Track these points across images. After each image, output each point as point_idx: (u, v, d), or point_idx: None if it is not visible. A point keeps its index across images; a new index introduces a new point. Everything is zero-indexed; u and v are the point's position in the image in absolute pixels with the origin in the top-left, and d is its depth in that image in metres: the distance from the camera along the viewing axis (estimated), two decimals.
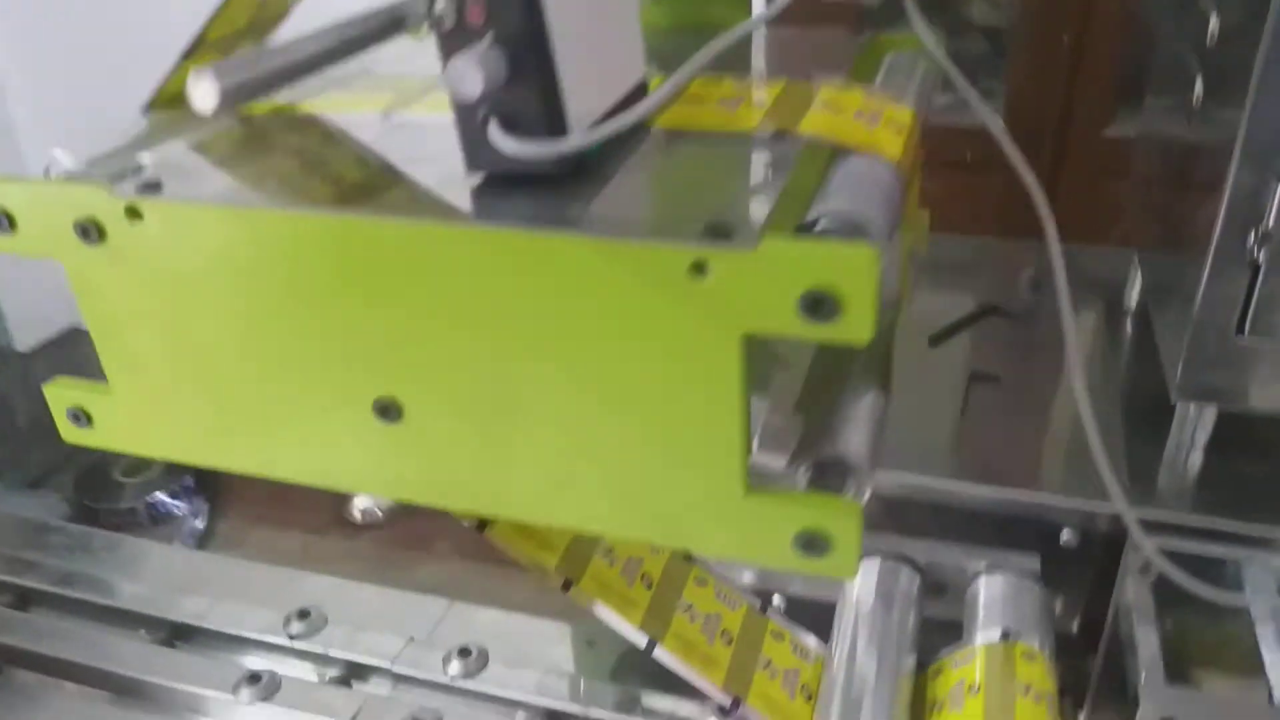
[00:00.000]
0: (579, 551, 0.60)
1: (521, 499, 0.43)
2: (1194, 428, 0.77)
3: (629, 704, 0.78)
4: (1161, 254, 0.84)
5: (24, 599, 0.91)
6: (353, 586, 0.92)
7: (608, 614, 0.60)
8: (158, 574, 0.92)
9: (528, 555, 0.58)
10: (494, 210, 0.39)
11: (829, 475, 0.42)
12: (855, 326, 0.34)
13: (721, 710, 0.74)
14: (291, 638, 0.84)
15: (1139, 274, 0.94)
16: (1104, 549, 0.72)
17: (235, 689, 0.79)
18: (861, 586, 0.72)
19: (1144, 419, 0.79)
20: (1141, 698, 0.60)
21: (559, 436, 0.40)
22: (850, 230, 0.35)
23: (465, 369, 0.40)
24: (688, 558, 0.68)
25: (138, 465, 1.68)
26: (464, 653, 0.81)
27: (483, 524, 0.55)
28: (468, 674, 0.80)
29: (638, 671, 0.82)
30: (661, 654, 0.62)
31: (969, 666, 0.64)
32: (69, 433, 0.50)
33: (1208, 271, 0.65)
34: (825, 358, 0.49)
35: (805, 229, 0.36)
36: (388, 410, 0.42)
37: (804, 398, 0.38)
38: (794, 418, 0.45)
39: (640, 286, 0.35)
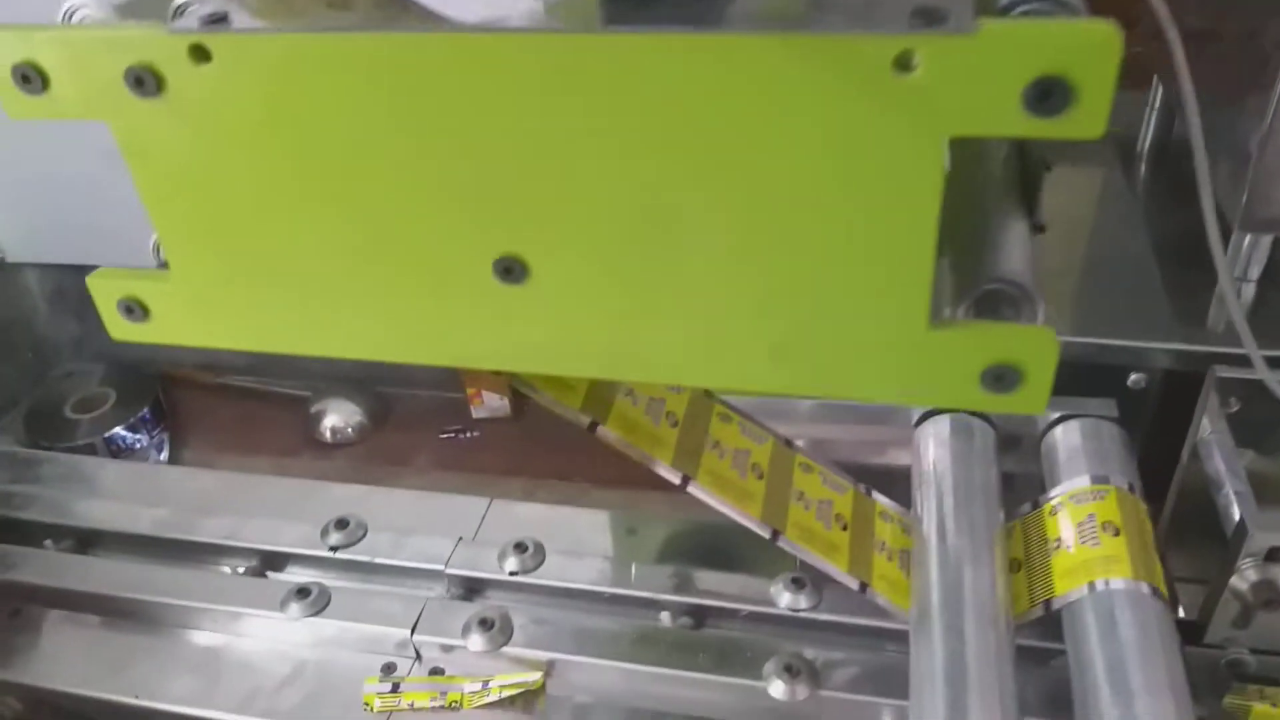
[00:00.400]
0: (601, 394, 0.58)
1: (667, 360, 0.39)
2: (1248, 261, 0.75)
3: (685, 585, 0.76)
4: (1213, 88, 0.81)
5: (32, 536, 0.85)
6: (383, 493, 0.88)
7: (640, 454, 0.59)
8: (174, 496, 0.86)
9: (552, 399, 0.56)
10: (630, 17, 0.34)
11: (999, 306, 0.39)
12: (1088, 119, 0.30)
13: (796, 582, 0.73)
14: (333, 549, 0.80)
15: (1154, 117, 0.92)
16: (1172, 389, 0.71)
17: (283, 605, 0.75)
18: (936, 447, 0.69)
19: (1176, 257, 0.77)
20: (1250, 529, 0.58)
21: (716, 282, 0.36)
22: (1070, 9, 0.31)
23: (605, 213, 0.35)
24: (708, 394, 0.66)
25: (89, 400, 1.61)
26: (520, 548, 0.77)
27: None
28: (526, 569, 0.77)
29: (684, 555, 0.80)
30: (696, 489, 0.60)
31: (1085, 507, 0.62)
32: (120, 329, 0.45)
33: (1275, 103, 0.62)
34: (959, 182, 0.45)
35: (1007, 9, 0.32)
36: (511, 270, 0.37)
37: (945, 226, 0.34)
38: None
39: (830, 89, 0.31)
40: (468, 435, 2.11)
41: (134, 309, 0.43)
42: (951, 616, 0.58)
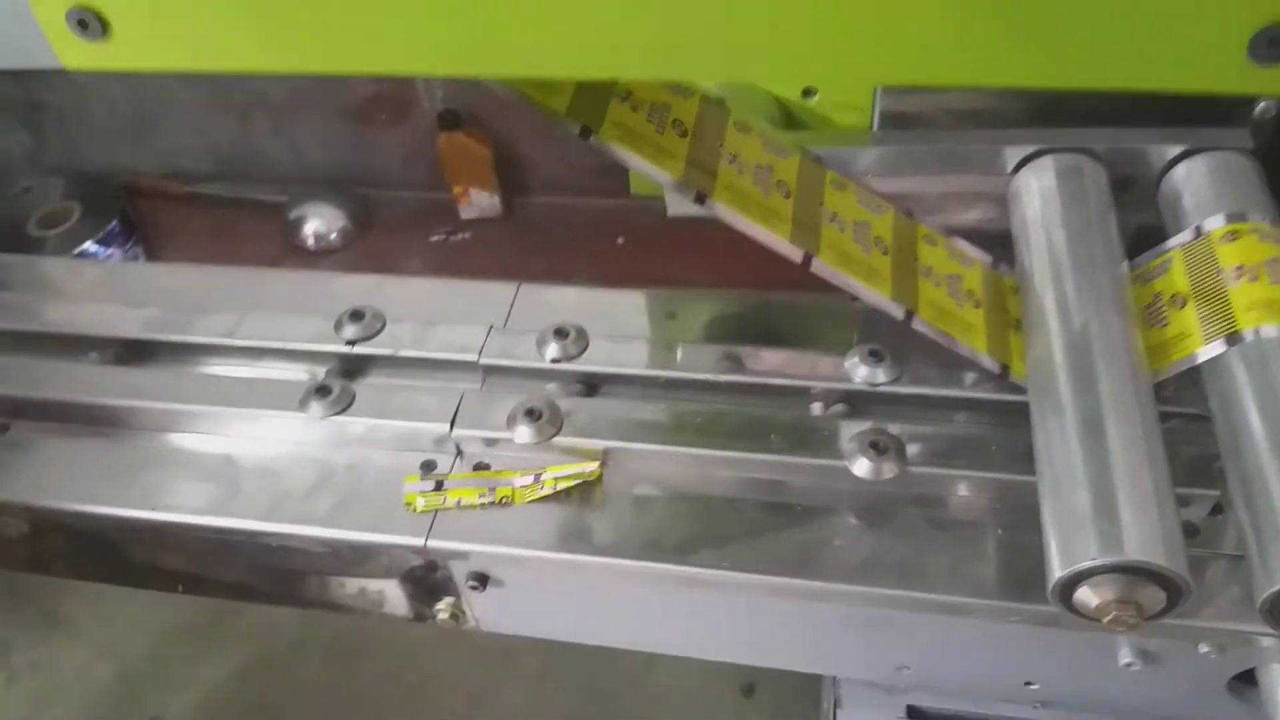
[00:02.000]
0: (704, 159, 0.51)
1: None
2: None
3: (734, 365, 0.69)
4: None
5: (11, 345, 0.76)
6: (396, 282, 0.79)
7: (756, 230, 0.51)
8: (161, 295, 0.77)
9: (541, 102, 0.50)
10: None
11: None
12: None
13: (874, 355, 0.65)
14: (350, 343, 0.71)
15: None
16: None
17: (303, 404, 0.67)
18: (1041, 192, 0.61)
19: None
20: None
21: None
22: None
23: None
24: (817, 160, 0.57)
25: (53, 216, 1.49)
26: (560, 334, 0.69)
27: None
28: (569, 356, 0.69)
29: (736, 335, 0.72)
30: (821, 268, 0.54)
31: (1227, 249, 0.54)
32: (74, 52, 0.34)
33: None
34: None
35: None
36: None
37: None
38: None
39: None
40: (458, 237, 2.00)
41: (88, 21, 0.32)
42: (1081, 379, 0.51)
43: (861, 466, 0.61)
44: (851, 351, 0.66)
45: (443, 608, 0.71)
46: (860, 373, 0.65)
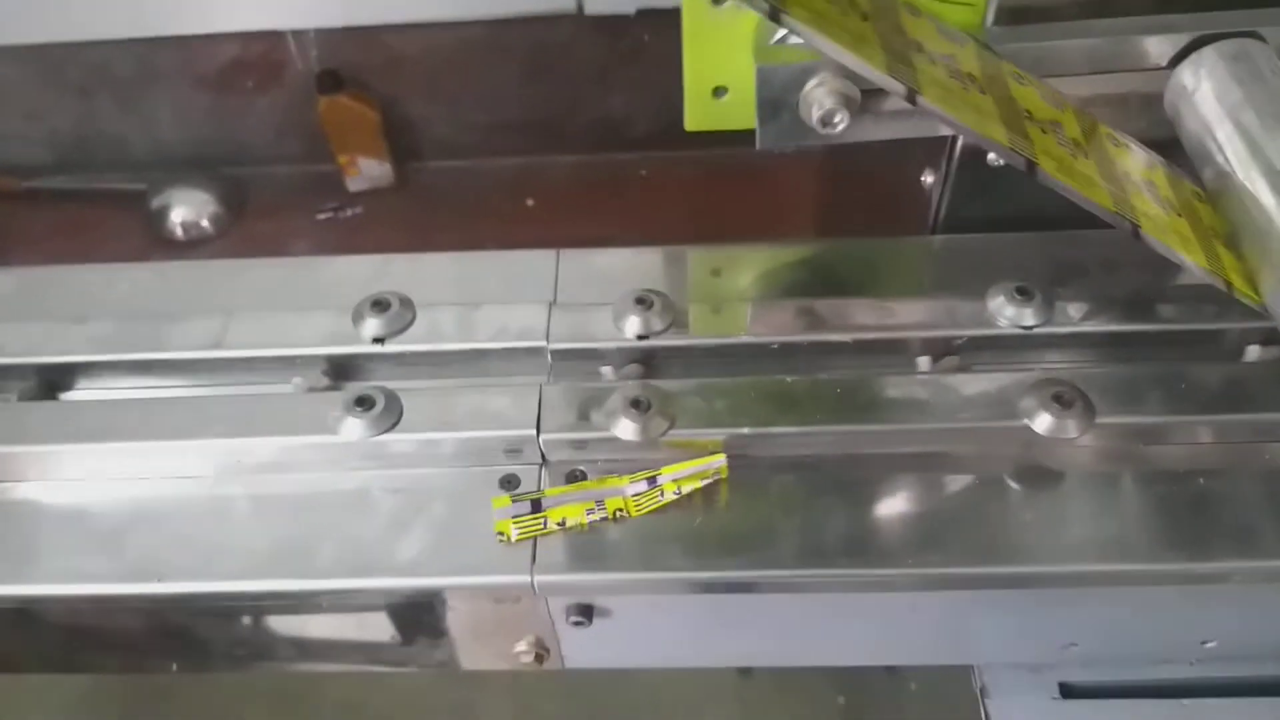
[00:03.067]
0: None
1: None
2: None
3: (847, 321, 0.59)
4: None
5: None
6: (406, 261, 0.65)
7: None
8: (108, 303, 0.60)
9: None
10: None
11: None
12: None
13: (1021, 293, 0.56)
14: (377, 340, 0.57)
15: None
16: None
17: (337, 425, 0.53)
18: (1216, 84, 0.52)
19: None
20: None
21: None
22: None
23: None
24: None
25: None
26: (643, 303, 0.57)
27: None
28: (654, 331, 0.57)
29: (816, 291, 0.62)
30: (1047, 178, 0.43)
31: None
32: None
33: None
34: None
35: None
36: None
37: None
38: None
39: None
40: (349, 212, 1.81)
41: None
42: None
43: (1043, 423, 0.52)
44: (993, 291, 0.57)
45: (524, 648, 0.58)
46: (1006, 314, 0.56)
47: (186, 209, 1.72)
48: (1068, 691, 0.63)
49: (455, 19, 1.64)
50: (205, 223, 1.78)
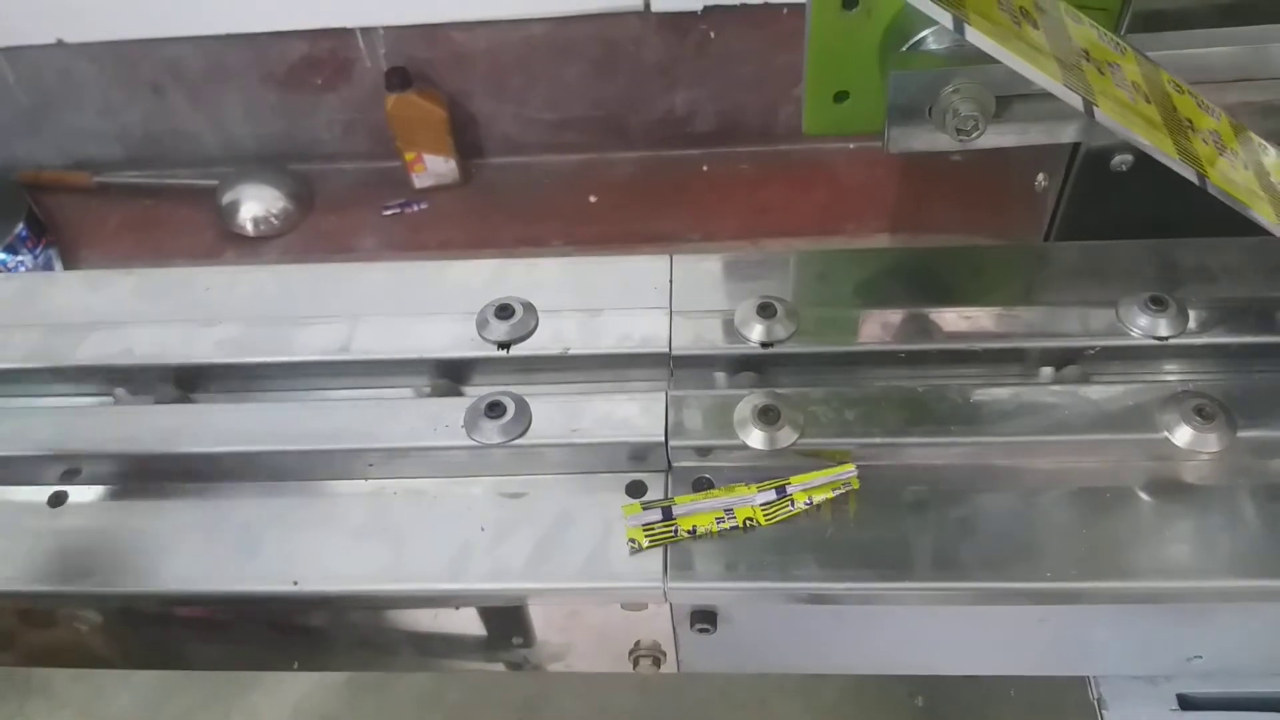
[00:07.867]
0: None
1: None
2: None
3: (971, 329, 0.58)
4: None
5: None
6: (520, 265, 0.65)
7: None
8: (224, 307, 0.61)
9: None
10: None
11: None
12: None
13: (1155, 302, 0.55)
14: (502, 346, 0.57)
15: None
16: None
17: (471, 430, 0.53)
18: None
19: None
20: None
21: None
22: None
23: None
24: None
25: None
26: (765, 310, 0.57)
27: None
28: (777, 338, 0.57)
29: (933, 298, 0.61)
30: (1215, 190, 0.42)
31: None
32: None
33: None
34: None
35: None
36: None
37: None
38: None
39: None
40: (415, 208, 1.83)
41: None
42: None
43: (1183, 436, 0.51)
44: (1125, 300, 0.56)
45: (643, 652, 0.58)
46: (1140, 323, 0.55)
47: (256, 204, 1.74)
48: (1186, 703, 0.62)
49: (522, 16, 1.65)
50: (275, 218, 1.81)
